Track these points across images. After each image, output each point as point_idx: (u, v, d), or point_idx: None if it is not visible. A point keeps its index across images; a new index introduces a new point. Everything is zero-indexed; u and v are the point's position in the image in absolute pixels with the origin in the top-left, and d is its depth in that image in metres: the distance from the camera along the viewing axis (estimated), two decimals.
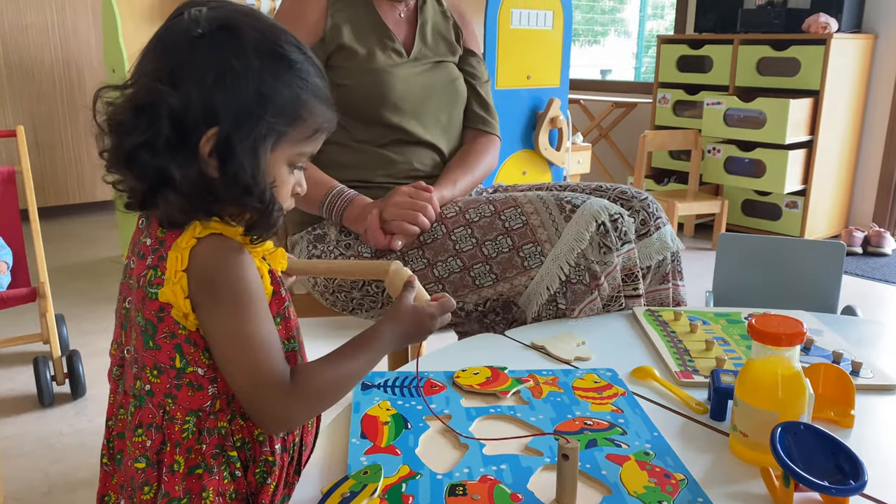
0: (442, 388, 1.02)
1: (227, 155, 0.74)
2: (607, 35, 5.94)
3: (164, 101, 0.72)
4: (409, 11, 1.57)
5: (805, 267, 1.62)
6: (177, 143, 0.73)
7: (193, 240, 0.76)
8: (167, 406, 0.81)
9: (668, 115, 4.31)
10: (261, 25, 0.77)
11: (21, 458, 1.82)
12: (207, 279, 0.75)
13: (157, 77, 0.74)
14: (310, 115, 0.79)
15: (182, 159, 0.73)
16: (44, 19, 3.97)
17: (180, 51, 0.74)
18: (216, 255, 0.76)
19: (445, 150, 1.57)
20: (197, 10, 0.75)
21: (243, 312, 0.76)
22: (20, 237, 2.31)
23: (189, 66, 0.73)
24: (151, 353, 0.80)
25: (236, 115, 0.73)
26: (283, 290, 0.85)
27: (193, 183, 0.74)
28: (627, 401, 0.99)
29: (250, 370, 0.76)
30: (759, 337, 0.84)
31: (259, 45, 0.76)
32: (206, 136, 0.73)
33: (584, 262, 1.30)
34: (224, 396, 0.82)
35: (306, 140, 0.81)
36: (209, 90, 0.73)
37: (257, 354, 0.76)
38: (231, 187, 0.74)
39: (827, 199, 3.91)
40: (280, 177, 0.80)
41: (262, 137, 0.75)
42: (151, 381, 0.81)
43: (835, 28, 3.63)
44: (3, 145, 3.95)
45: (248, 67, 0.74)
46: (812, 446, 0.78)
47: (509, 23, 2.89)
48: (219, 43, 0.74)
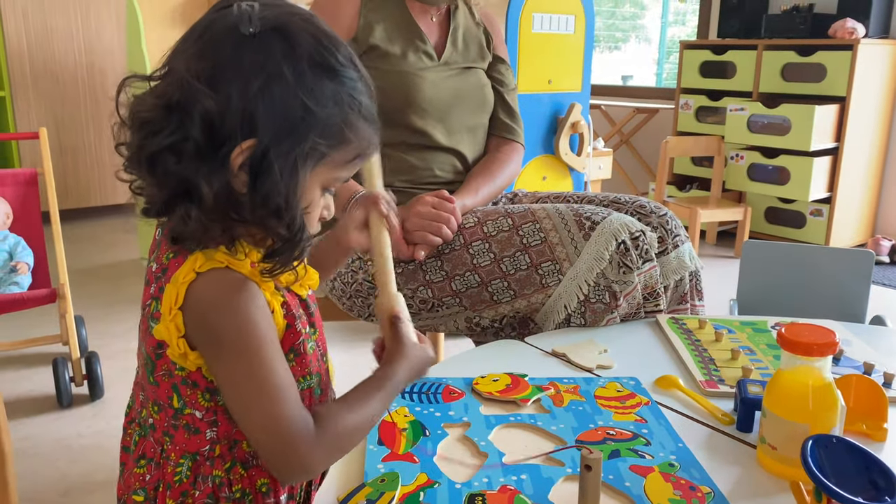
0: (461, 394, 1.00)
1: (261, 171, 0.66)
2: (628, 41, 5.91)
3: (200, 102, 0.65)
4: (442, 16, 1.56)
5: (832, 275, 1.58)
6: (207, 151, 0.66)
7: (193, 274, 0.68)
8: (164, 444, 0.76)
9: (691, 121, 4.26)
10: (318, 32, 0.70)
11: (39, 459, 1.82)
12: (208, 322, 0.68)
13: (194, 74, 0.66)
14: (355, 138, 0.72)
15: (209, 170, 0.66)
16: (68, 24, 4.01)
17: (225, 48, 0.67)
18: (217, 295, 0.68)
19: (469, 156, 1.55)
20: (249, 5, 0.68)
21: (252, 358, 0.68)
22: (41, 239, 2.33)
23: (233, 67, 0.66)
24: (153, 389, 0.75)
25: (279, 128, 0.66)
26: (299, 322, 0.76)
27: (218, 197, 0.66)
28: (651, 410, 0.96)
29: (267, 421, 0.68)
30: (789, 346, 0.81)
31: (313, 54, 0.68)
32: (240, 147, 0.66)
33: (604, 281, 1.28)
34: (224, 442, 0.75)
35: (346, 164, 0.73)
36: (253, 97, 0.66)
37: (273, 404, 0.68)
38: (259, 207, 0.67)
39: (853, 207, 3.84)
40: (314, 201, 0.73)
41: (304, 157, 0.68)
42: (153, 415, 0.77)
43: (862, 33, 3.57)
44: (26, 148, 3.99)
45: (299, 78, 0.67)
46: (844, 460, 0.75)
47: (531, 27, 2.87)
48: (270, 46, 0.67)
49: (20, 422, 2.00)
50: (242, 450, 0.76)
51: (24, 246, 2.26)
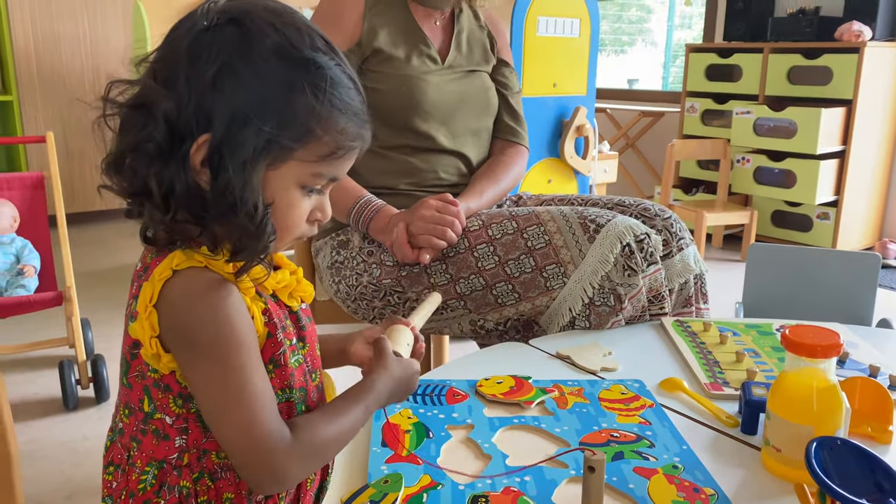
0: (465, 396, 1.00)
1: (218, 166, 0.65)
2: (634, 45, 5.91)
3: (158, 102, 0.64)
4: (446, 19, 1.56)
5: (838, 279, 1.58)
6: (168, 150, 0.65)
7: (169, 271, 0.66)
8: (131, 450, 0.73)
9: (697, 125, 4.26)
10: (281, 22, 0.67)
11: (44, 461, 1.82)
12: (182, 322, 0.66)
13: (152, 73, 0.66)
14: (327, 133, 0.68)
15: (172, 168, 0.65)
16: (76, 29, 4.03)
17: (182, 45, 0.66)
18: (193, 294, 0.66)
19: (474, 159, 1.55)
20: (213, 1, 0.67)
21: (228, 362, 0.66)
22: (48, 242, 2.34)
23: (187, 63, 0.65)
24: (125, 391, 0.73)
25: (231, 122, 0.64)
26: (281, 333, 0.73)
27: (180, 195, 0.65)
28: (655, 413, 0.96)
29: (241, 430, 0.66)
30: (793, 348, 0.81)
31: (273, 45, 0.66)
32: (197, 142, 0.64)
33: (609, 284, 1.27)
34: (194, 451, 0.72)
35: (322, 160, 0.69)
36: (205, 91, 0.64)
37: (248, 412, 0.66)
38: (218, 203, 0.65)
39: (860, 210, 3.83)
40: (286, 199, 0.70)
41: (259, 151, 0.65)
42: (123, 420, 0.74)
43: (868, 36, 3.56)
44: (33, 151, 4.01)
45: (254, 69, 0.65)
46: (849, 463, 0.75)
47: (536, 30, 2.87)
48: (224, 38, 0.65)
49: (26, 424, 2.00)
50: (211, 460, 0.72)
51: (31, 249, 2.27)
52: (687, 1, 5.09)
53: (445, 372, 1.10)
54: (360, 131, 0.72)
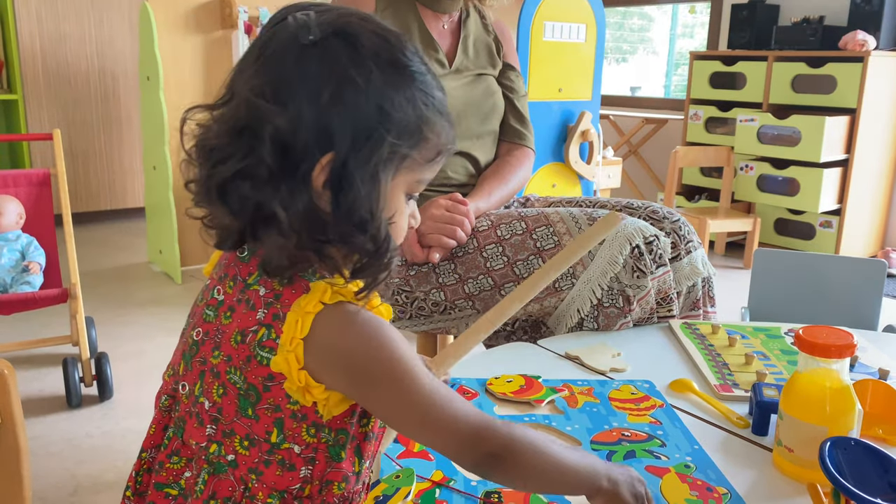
0: (474, 394, 1.00)
1: (343, 185, 0.62)
2: (636, 53, 5.92)
3: (269, 122, 0.61)
4: (453, 23, 1.57)
5: (844, 284, 1.58)
6: (283, 172, 0.61)
7: (320, 305, 0.63)
8: (250, 482, 0.68)
9: (700, 132, 4.26)
10: (379, 30, 0.66)
11: (48, 458, 1.82)
12: (350, 353, 0.63)
13: (259, 93, 0.62)
14: (433, 135, 0.67)
15: (288, 191, 0.62)
16: (82, 29, 4.04)
17: (288, 61, 0.63)
18: (354, 323, 0.64)
19: (482, 159, 1.55)
20: (304, 14, 0.64)
21: (410, 377, 0.64)
22: (53, 239, 2.34)
23: (299, 80, 0.62)
24: (247, 423, 0.67)
25: (355, 136, 0.62)
26: None
27: (301, 220, 0.62)
28: (666, 413, 0.96)
29: (447, 429, 0.65)
30: (807, 348, 0.81)
31: (380, 53, 0.65)
32: (320, 163, 0.62)
33: (618, 285, 1.27)
34: (317, 483, 0.68)
35: (429, 163, 0.69)
36: (324, 108, 0.62)
37: (448, 409, 0.65)
38: (342, 224, 0.62)
39: (863, 219, 3.83)
40: (399, 208, 0.68)
41: (385, 162, 0.63)
42: (239, 451, 0.68)
43: (873, 45, 3.57)
44: (38, 150, 4.01)
45: (369, 81, 0.63)
46: (863, 463, 0.75)
47: (542, 35, 2.88)
48: (335, 52, 0.63)
49: (29, 421, 2.00)
50: (332, 493, 0.69)
51: (37, 246, 2.27)
52: (692, 8, 5.10)
53: (455, 371, 1.09)
54: (453, 132, 0.71)
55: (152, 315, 2.87)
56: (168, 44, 3.21)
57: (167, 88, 3.20)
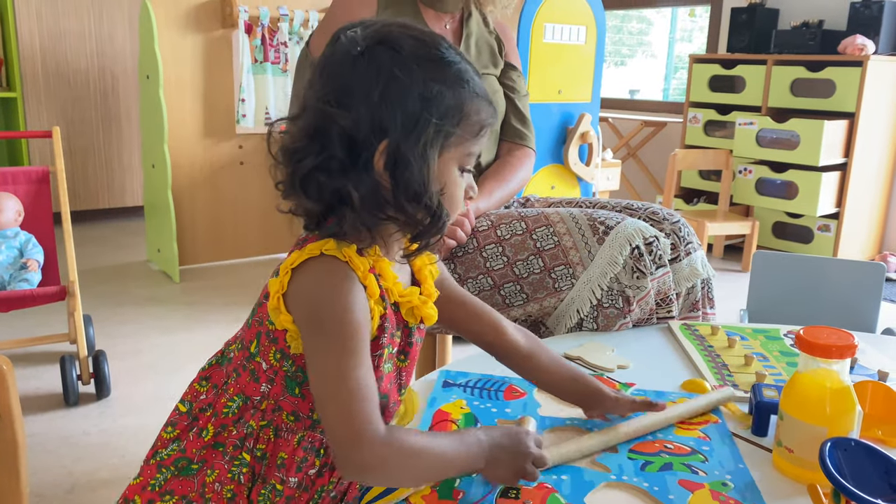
0: (522, 394, 1.01)
1: (398, 165, 0.74)
2: (634, 57, 5.93)
3: (335, 123, 0.74)
4: (455, 23, 1.57)
5: (842, 287, 1.58)
6: (350, 161, 0.74)
7: (318, 251, 0.75)
8: (230, 378, 0.83)
9: (699, 135, 4.27)
10: (416, 33, 0.79)
11: (45, 456, 1.82)
12: (312, 296, 0.74)
13: (325, 100, 0.75)
14: (474, 113, 0.79)
15: (356, 176, 0.74)
16: (81, 26, 4.03)
17: (344, 71, 0.76)
18: (329, 276, 0.75)
19: (482, 159, 1.56)
20: (353, 31, 0.77)
21: (344, 344, 0.73)
22: (52, 236, 2.34)
23: (354, 84, 0.75)
24: (244, 329, 0.83)
25: (404, 123, 0.74)
26: (385, 338, 0.80)
27: (369, 197, 0.74)
28: (718, 429, 0.93)
29: (343, 409, 0.71)
30: (807, 348, 0.81)
31: (417, 51, 0.76)
32: (378, 150, 0.74)
33: (618, 286, 1.27)
34: (272, 402, 0.80)
35: (474, 138, 0.80)
36: (377, 104, 0.74)
37: (352, 394, 0.71)
38: (401, 196, 0.75)
39: (861, 223, 3.84)
40: (451, 180, 0.79)
41: (431, 140, 0.75)
42: (234, 352, 0.84)
43: (872, 50, 3.58)
44: (36, 147, 4.01)
45: (411, 75, 0.75)
46: (863, 464, 0.75)
47: (542, 36, 2.88)
48: (379, 57, 0.75)
49: (27, 419, 2.00)
50: (282, 418, 0.80)
51: (35, 243, 2.27)
52: (691, 12, 5.11)
53: (456, 368, 1.09)
54: (492, 108, 0.81)
55: (150, 313, 2.87)
56: (168, 42, 3.21)
57: (167, 87, 3.20)
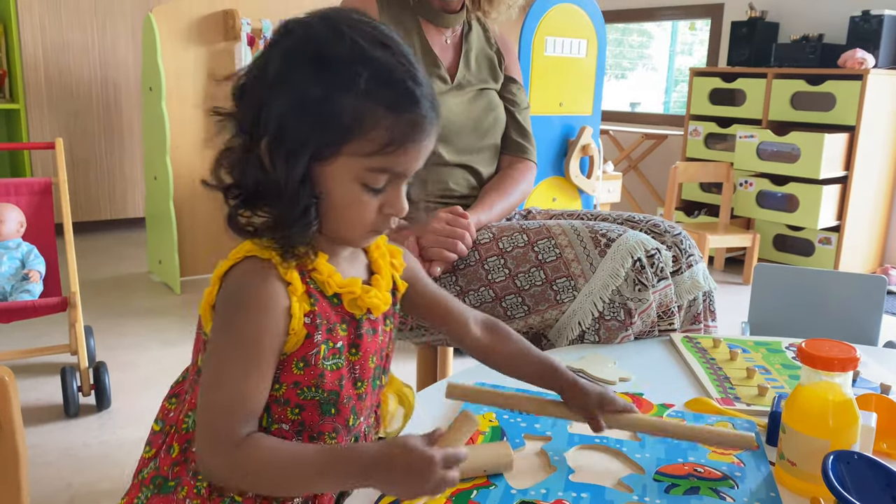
0: None
1: (273, 164, 0.71)
2: (635, 70, 5.95)
3: (239, 111, 0.73)
4: (456, 37, 1.58)
5: (844, 300, 1.58)
6: (248, 150, 0.72)
7: (242, 255, 0.74)
8: (187, 393, 0.80)
9: (700, 148, 4.28)
10: (333, 27, 0.72)
11: (45, 468, 1.81)
12: (225, 299, 0.73)
13: (235, 89, 0.75)
14: (372, 129, 0.70)
15: (249, 165, 0.72)
16: (84, 38, 4.05)
17: (259, 60, 0.74)
18: (242, 279, 0.73)
19: (483, 172, 1.56)
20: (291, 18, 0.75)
21: (233, 353, 0.71)
22: (53, 248, 2.34)
23: (258, 76, 0.73)
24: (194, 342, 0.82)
25: (278, 123, 0.70)
26: (319, 334, 0.75)
27: (252, 188, 0.73)
28: (754, 456, 0.91)
29: (210, 411, 0.70)
30: (809, 361, 0.81)
31: (317, 47, 0.70)
32: (262, 145, 0.71)
33: (619, 298, 1.28)
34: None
35: (374, 156, 0.71)
36: (268, 98, 0.71)
37: (223, 402, 0.70)
38: (269, 190, 0.72)
39: (862, 236, 3.84)
40: (347, 195, 0.73)
41: (300, 146, 0.70)
42: (192, 366, 0.82)
43: (872, 64, 3.60)
44: (38, 158, 4.02)
45: (297, 75, 0.70)
46: (866, 477, 0.75)
47: (543, 50, 2.90)
48: (280, 48, 0.72)
49: (27, 430, 1.98)
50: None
51: (37, 254, 2.27)
52: (691, 25, 5.13)
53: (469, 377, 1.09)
54: (414, 127, 0.72)
55: (151, 325, 2.86)
56: (171, 55, 3.23)
57: (169, 99, 3.21)
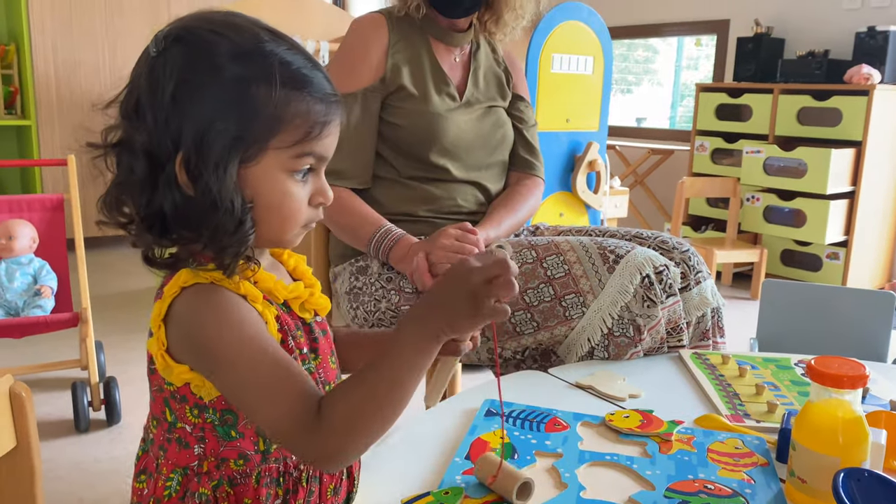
0: (565, 427, 1.00)
1: (195, 175, 0.67)
2: (641, 85, 5.98)
3: (132, 135, 0.68)
4: (465, 56, 1.60)
5: (853, 316, 1.58)
6: (153, 177, 0.68)
7: (178, 289, 0.69)
8: (159, 458, 0.76)
9: (706, 163, 4.29)
10: (221, 26, 0.69)
11: (56, 482, 1.82)
12: (193, 337, 0.68)
13: (125, 112, 0.70)
14: (295, 116, 0.69)
15: (160, 192, 0.68)
16: (96, 57, 4.10)
17: (142, 77, 0.69)
18: (199, 307, 0.68)
19: (491, 189, 1.57)
20: (167, 27, 0.70)
21: (243, 365, 0.67)
22: (65, 263, 2.36)
23: (149, 92, 0.68)
24: (151, 403, 0.76)
25: (196, 133, 0.66)
26: (292, 340, 0.75)
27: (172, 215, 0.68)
28: (765, 472, 0.90)
29: (272, 425, 0.67)
30: (819, 378, 0.81)
31: (216, 49, 0.68)
32: (176, 162, 0.67)
33: (628, 314, 1.28)
34: (212, 459, 0.74)
35: (299, 144, 0.70)
36: (169, 112, 0.67)
37: (272, 404, 0.67)
38: (200, 208, 0.67)
39: (870, 251, 3.84)
40: (278, 190, 0.71)
41: (228, 150, 0.67)
42: (153, 430, 0.77)
43: (878, 79, 3.61)
44: (49, 175, 4.05)
45: (203, 78, 0.67)
46: (877, 494, 0.75)
47: (550, 67, 2.92)
48: (172, 58, 0.68)
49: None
50: (230, 468, 0.74)
51: (49, 270, 2.29)
52: (697, 41, 5.16)
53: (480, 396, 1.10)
54: (328, 107, 0.72)
55: None
56: None
57: None
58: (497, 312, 0.68)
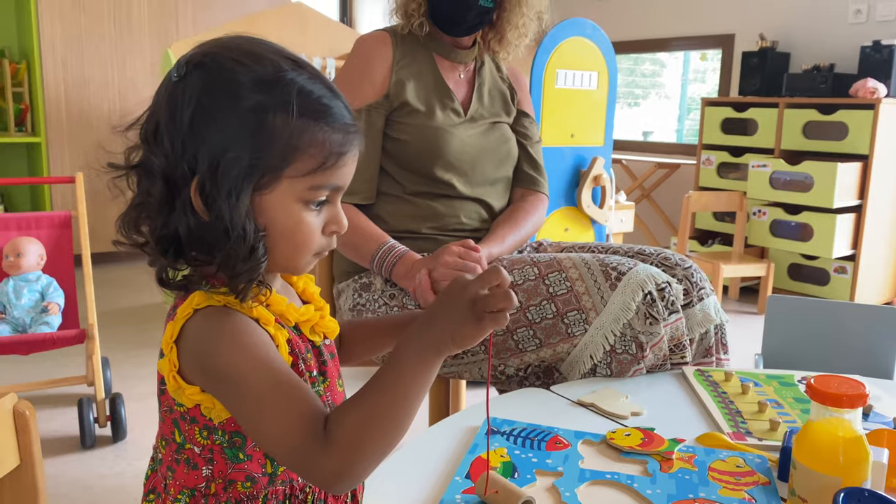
0: (566, 445, 1.00)
1: (209, 201, 0.68)
2: (647, 98, 5.99)
3: (152, 159, 0.69)
4: (469, 73, 1.61)
5: (859, 332, 1.57)
6: (170, 200, 0.69)
7: (191, 310, 0.69)
8: (167, 479, 0.76)
9: (713, 177, 4.29)
10: (241, 53, 0.70)
11: (61, 499, 1.82)
12: (204, 360, 0.68)
13: (144, 136, 0.71)
14: (310, 146, 0.70)
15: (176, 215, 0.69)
16: (105, 74, 4.14)
17: (162, 101, 0.70)
18: (211, 330, 0.69)
19: (495, 205, 1.58)
20: (185, 54, 0.71)
21: (250, 386, 0.67)
22: (72, 280, 2.37)
23: (168, 117, 0.69)
24: (160, 424, 0.77)
25: (211, 159, 0.67)
26: (302, 364, 0.75)
27: (187, 238, 0.70)
28: (766, 491, 0.90)
29: (279, 443, 0.67)
30: (818, 397, 0.81)
31: (235, 76, 0.68)
32: (192, 187, 0.68)
33: (631, 331, 1.28)
34: (220, 481, 0.74)
35: (315, 173, 0.70)
36: (187, 137, 0.68)
37: (279, 431, 0.66)
38: (214, 233, 0.68)
39: (878, 264, 3.82)
40: (291, 218, 0.71)
41: (242, 178, 0.68)
42: (161, 450, 0.77)
43: (883, 93, 3.60)
44: (57, 192, 4.09)
45: (221, 105, 0.68)
46: None
47: (554, 82, 2.93)
48: (192, 84, 0.69)
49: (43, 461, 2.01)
50: (238, 490, 0.74)
51: (56, 287, 2.30)
52: (703, 55, 5.17)
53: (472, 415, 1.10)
54: (346, 136, 0.72)
55: None
56: None
57: None
58: (497, 320, 0.68)
